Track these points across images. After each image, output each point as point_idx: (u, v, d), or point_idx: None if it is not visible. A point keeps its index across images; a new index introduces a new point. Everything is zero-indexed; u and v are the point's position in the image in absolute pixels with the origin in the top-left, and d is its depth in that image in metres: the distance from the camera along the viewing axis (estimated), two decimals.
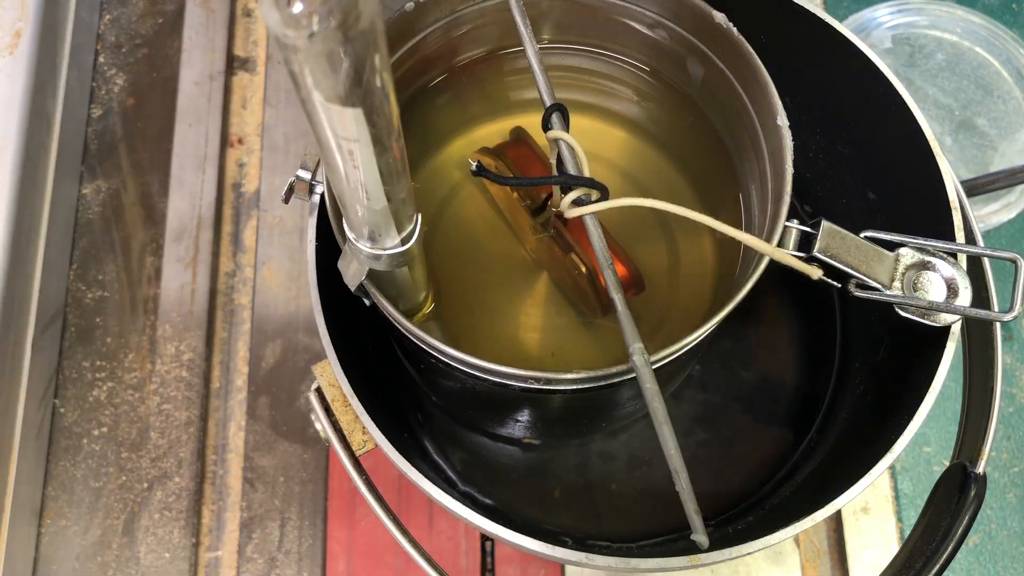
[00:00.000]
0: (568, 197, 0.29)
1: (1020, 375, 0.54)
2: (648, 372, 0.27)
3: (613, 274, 0.28)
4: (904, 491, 0.52)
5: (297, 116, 0.60)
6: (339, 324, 0.36)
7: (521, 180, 0.29)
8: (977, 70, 0.59)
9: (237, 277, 0.56)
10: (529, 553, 0.33)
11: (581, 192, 0.29)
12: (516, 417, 0.43)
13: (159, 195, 0.58)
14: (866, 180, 0.43)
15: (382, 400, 0.42)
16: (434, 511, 0.51)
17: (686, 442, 0.48)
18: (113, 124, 0.60)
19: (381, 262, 0.26)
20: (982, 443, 0.34)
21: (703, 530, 0.28)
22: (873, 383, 0.43)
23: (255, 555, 0.51)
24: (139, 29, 0.62)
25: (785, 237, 0.32)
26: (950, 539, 0.32)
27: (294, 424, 0.53)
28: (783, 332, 0.51)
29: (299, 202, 0.38)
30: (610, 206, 0.29)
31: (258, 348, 0.55)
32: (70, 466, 0.52)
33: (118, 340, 0.55)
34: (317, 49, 0.16)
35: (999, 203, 0.55)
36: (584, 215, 0.28)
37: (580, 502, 0.48)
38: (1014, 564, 0.50)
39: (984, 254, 0.33)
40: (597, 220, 0.29)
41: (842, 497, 0.32)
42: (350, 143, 0.19)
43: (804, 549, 0.51)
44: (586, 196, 0.29)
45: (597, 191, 0.28)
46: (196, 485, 0.52)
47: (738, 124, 0.35)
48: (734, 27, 0.32)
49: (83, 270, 0.56)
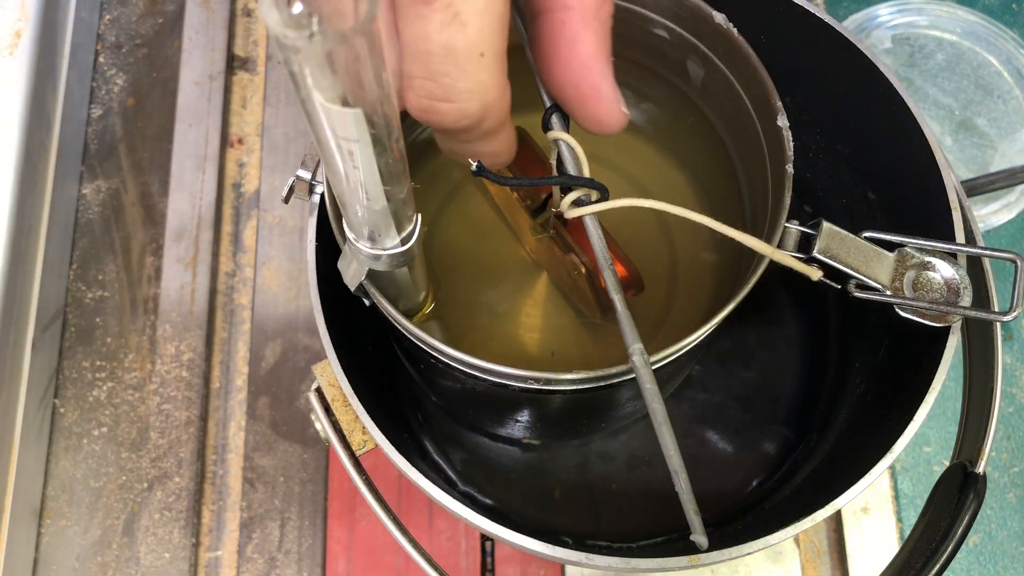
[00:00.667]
0: (568, 198, 0.29)
1: (1020, 375, 0.54)
2: (648, 373, 0.27)
3: (613, 275, 0.28)
4: (904, 491, 0.52)
5: (297, 116, 0.60)
6: (339, 324, 0.36)
7: (521, 180, 0.29)
8: (977, 70, 0.59)
9: (237, 277, 0.56)
10: (529, 553, 0.33)
11: (581, 192, 0.29)
12: (516, 417, 0.43)
13: (159, 195, 0.58)
14: (866, 180, 0.43)
15: (382, 400, 0.42)
16: (434, 511, 0.51)
17: (686, 442, 0.48)
18: (113, 124, 0.60)
19: (381, 262, 0.26)
20: (982, 443, 0.34)
21: (703, 531, 0.28)
22: (873, 383, 0.43)
23: (255, 555, 0.51)
24: (139, 29, 0.62)
25: (785, 237, 0.32)
26: (950, 539, 0.32)
27: (294, 424, 0.53)
28: (783, 332, 0.51)
29: (299, 202, 0.38)
30: (610, 206, 0.29)
31: (258, 348, 0.55)
32: (70, 466, 0.52)
33: (118, 340, 0.55)
34: (317, 49, 0.16)
35: (999, 203, 0.55)
36: (584, 215, 0.28)
37: (580, 502, 0.48)
38: (1014, 564, 0.50)
39: (984, 254, 0.33)
40: (597, 220, 0.29)
41: (842, 497, 0.32)
42: (350, 143, 0.19)
43: (804, 549, 0.51)
44: (586, 196, 0.29)
45: (597, 191, 0.28)
46: (196, 485, 0.52)
47: (738, 124, 0.35)
48: (734, 27, 0.32)
49: (83, 270, 0.56)
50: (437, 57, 0.22)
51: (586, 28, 0.25)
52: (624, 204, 0.29)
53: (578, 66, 0.26)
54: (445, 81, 0.22)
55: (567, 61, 0.26)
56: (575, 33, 0.25)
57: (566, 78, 0.26)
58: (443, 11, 0.21)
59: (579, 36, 0.25)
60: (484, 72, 0.23)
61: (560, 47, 0.26)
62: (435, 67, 0.22)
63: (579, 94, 0.26)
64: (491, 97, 0.23)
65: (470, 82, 0.23)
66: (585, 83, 0.26)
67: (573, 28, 0.25)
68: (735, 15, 0.32)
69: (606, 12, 0.26)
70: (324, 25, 0.15)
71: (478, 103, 0.23)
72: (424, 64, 0.22)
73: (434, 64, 0.22)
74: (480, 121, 0.24)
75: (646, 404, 0.27)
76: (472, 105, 0.23)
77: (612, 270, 0.28)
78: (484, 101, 0.23)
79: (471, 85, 0.23)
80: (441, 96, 0.23)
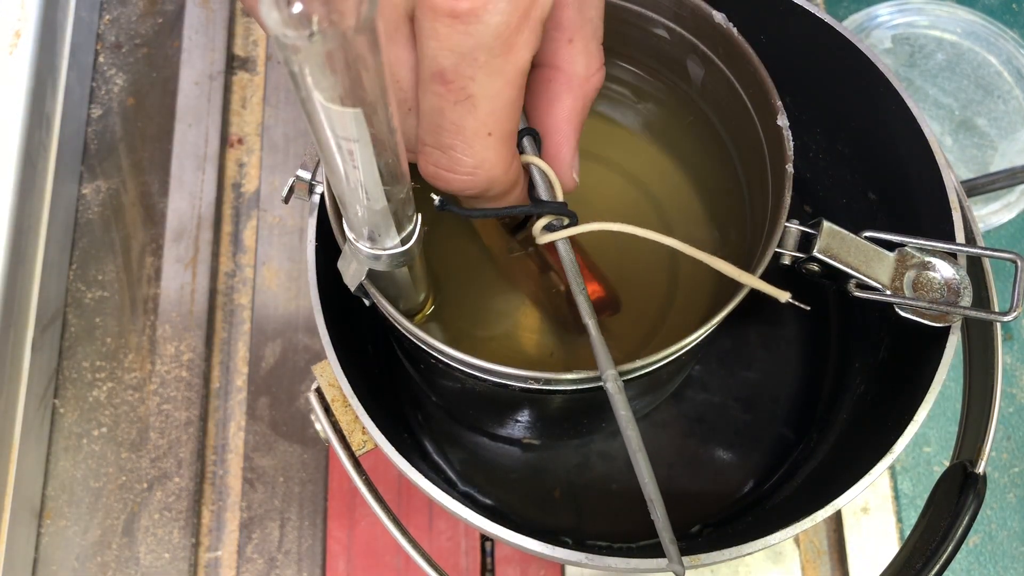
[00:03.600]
0: (539, 223, 0.29)
1: (1020, 375, 0.54)
2: (622, 399, 0.27)
3: (586, 300, 0.28)
4: (904, 491, 0.52)
5: (297, 116, 0.60)
6: (339, 324, 0.36)
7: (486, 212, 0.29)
8: (977, 70, 0.59)
9: (237, 277, 0.56)
10: (529, 553, 0.33)
11: (552, 218, 0.29)
12: (516, 417, 0.43)
13: (159, 195, 0.58)
14: (866, 180, 0.43)
15: (382, 400, 0.42)
16: (434, 511, 0.51)
17: (686, 442, 0.48)
18: (113, 124, 0.60)
19: (381, 262, 0.26)
20: (982, 443, 0.34)
21: (679, 559, 0.28)
22: (873, 383, 0.43)
23: (255, 555, 0.51)
24: (139, 29, 0.62)
25: (785, 237, 0.32)
26: (950, 539, 0.32)
27: (294, 424, 0.53)
28: (783, 332, 0.51)
29: (299, 202, 0.38)
30: (580, 231, 0.29)
31: (258, 348, 0.55)
32: (70, 466, 0.52)
33: (118, 340, 0.55)
34: (317, 49, 0.16)
35: (999, 203, 0.55)
36: (556, 241, 0.29)
37: (580, 502, 0.48)
38: (1014, 564, 0.50)
39: (984, 254, 0.33)
40: (570, 245, 0.29)
41: (842, 497, 0.32)
42: (350, 143, 0.19)
43: (804, 549, 0.51)
44: (558, 221, 0.29)
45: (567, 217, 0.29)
46: (196, 485, 0.52)
47: (738, 124, 0.35)
48: (734, 27, 0.32)
49: (83, 270, 0.56)
50: (447, 132, 0.24)
51: (569, 92, 0.27)
52: (595, 228, 0.29)
53: (550, 123, 0.28)
54: (452, 154, 0.24)
55: (542, 116, 0.28)
56: (557, 94, 0.27)
57: (536, 126, 0.28)
58: (457, 92, 0.23)
59: (560, 97, 0.27)
60: (490, 151, 0.24)
61: (540, 101, 0.28)
62: (444, 140, 0.24)
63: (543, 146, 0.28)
64: (495, 173, 0.25)
65: (476, 158, 0.24)
66: (550, 140, 0.28)
67: (557, 88, 0.27)
68: (735, 15, 0.32)
69: (592, 84, 0.27)
70: (324, 25, 0.15)
71: (482, 179, 0.25)
72: (435, 135, 0.24)
73: (444, 137, 0.24)
74: (485, 191, 0.26)
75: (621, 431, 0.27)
76: (476, 180, 0.25)
77: (585, 295, 0.28)
78: (488, 177, 0.25)
79: (476, 161, 0.24)
80: (447, 167, 0.25)
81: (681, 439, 0.49)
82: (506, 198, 0.27)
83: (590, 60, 0.27)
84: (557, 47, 0.26)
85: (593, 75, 0.27)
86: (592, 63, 0.27)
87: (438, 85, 0.23)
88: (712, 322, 0.29)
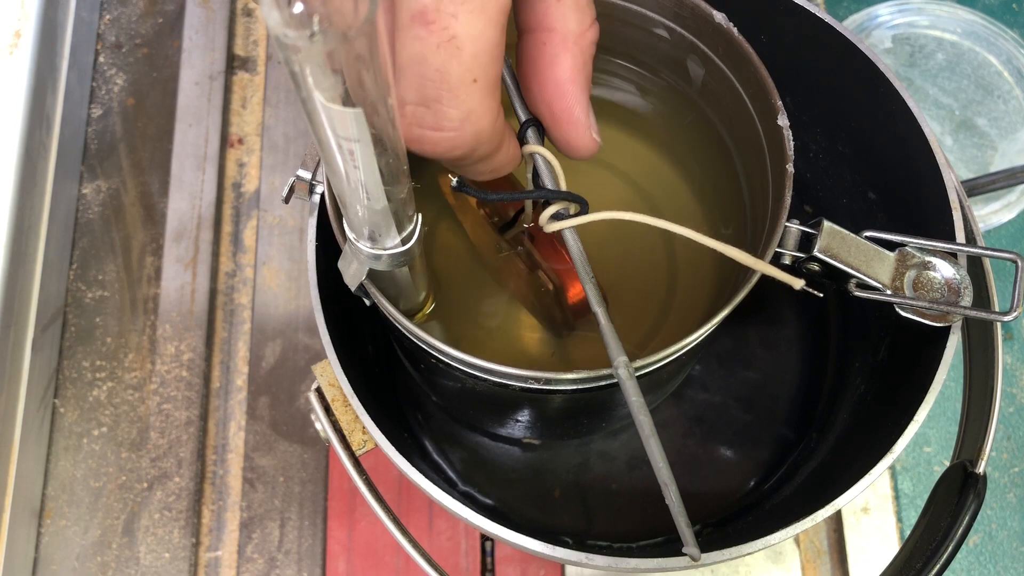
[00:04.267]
0: (547, 211, 0.29)
1: (1020, 375, 0.54)
2: (633, 385, 0.27)
3: (594, 288, 0.28)
4: (904, 491, 0.52)
5: (297, 116, 0.60)
6: (339, 324, 0.36)
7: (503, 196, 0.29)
8: (977, 70, 0.59)
9: (237, 277, 0.56)
10: (529, 553, 0.33)
11: (560, 206, 0.29)
12: (516, 417, 0.43)
13: (159, 195, 0.58)
14: (866, 180, 0.43)
15: (382, 400, 0.42)
16: (434, 511, 0.51)
17: (686, 442, 0.48)
18: (113, 124, 0.60)
19: (381, 262, 0.26)
20: (982, 443, 0.34)
21: (695, 543, 0.28)
22: (873, 383, 0.43)
23: (255, 555, 0.51)
24: (139, 29, 0.62)
25: (786, 237, 0.32)
26: (950, 539, 0.32)
27: (294, 424, 0.53)
28: (783, 332, 0.51)
29: (299, 202, 0.38)
30: (591, 219, 0.29)
31: (258, 348, 0.55)
32: (70, 466, 0.52)
33: (118, 340, 0.55)
34: (317, 49, 0.16)
35: (999, 203, 0.55)
36: (563, 229, 0.29)
37: (580, 502, 0.48)
38: (1014, 564, 0.50)
39: (984, 254, 0.33)
40: (577, 234, 0.29)
41: (842, 497, 0.32)
42: (351, 143, 0.19)
43: (804, 549, 0.51)
44: (564, 210, 0.29)
45: (576, 204, 0.29)
46: (196, 485, 0.52)
47: (738, 124, 0.35)
48: (734, 27, 0.32)
49: (83, 270, 0.56)
50: (431, 81, 0.22)
51: (565, 51, 0.26)
52: (604, 217, 0.29)
53: (553, 87, 0.26)
54: (438, 107, 0.23)
55: (543, 82, 0.27)
56: (554, 55, 0.26)
57: (541, 98, 0.27)
58: (440, 32, 0.22)
59: (558, 59, 0.26)
60: (476, 99, 0.23)
61: (539, 67, 0.26)
62: (428, 92, 0.23)
63: (552, 115, 0.27)
64: (482, 125, 0.24)
65: (462, 109, 0.23)
66: (558, 105, 0.27)
67: (553, 50, 0.26)
68: (735, 15, 0.32)
69: (588, 39, 0.26)
70: (324, 25, 0.15)
71: (469, 133, 0.24)
72: (418, 88, 0.23)
73: (427, 89, 0.23)
74: (472, 150, 0.24)
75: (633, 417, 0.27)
76: (462, 136, 0.24)
77: (593, 283, 0.28)
78: (475, 130, 0.24)
79: (462, 113, 0.23)
80: (432, 125, 0.23)
81: (681, 439, 0.49)
82: (491, 160, 0.26)
83: (582, 16, 0.26)
84: (546, 7, 0.25)
85: (587, 30, 0.26)
86: (584, 18, 0.26)
87: (419, 27, 0.22)
88: (713, 321, 0.29)
